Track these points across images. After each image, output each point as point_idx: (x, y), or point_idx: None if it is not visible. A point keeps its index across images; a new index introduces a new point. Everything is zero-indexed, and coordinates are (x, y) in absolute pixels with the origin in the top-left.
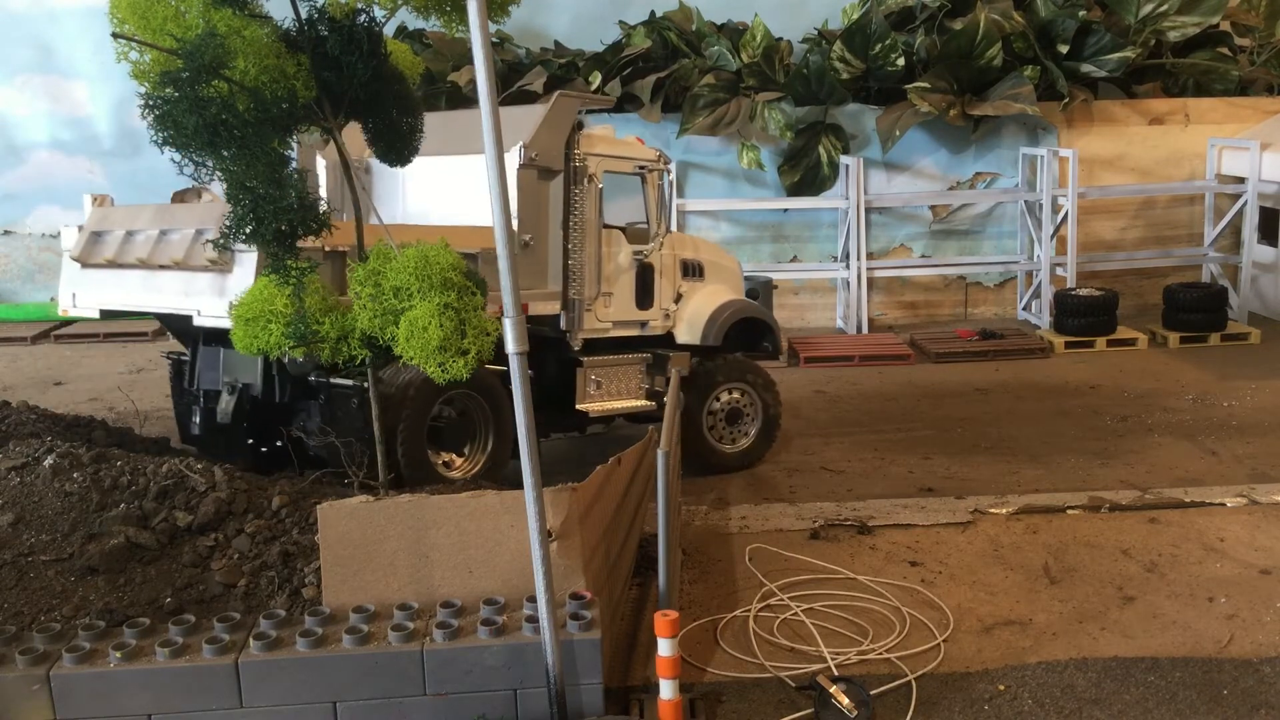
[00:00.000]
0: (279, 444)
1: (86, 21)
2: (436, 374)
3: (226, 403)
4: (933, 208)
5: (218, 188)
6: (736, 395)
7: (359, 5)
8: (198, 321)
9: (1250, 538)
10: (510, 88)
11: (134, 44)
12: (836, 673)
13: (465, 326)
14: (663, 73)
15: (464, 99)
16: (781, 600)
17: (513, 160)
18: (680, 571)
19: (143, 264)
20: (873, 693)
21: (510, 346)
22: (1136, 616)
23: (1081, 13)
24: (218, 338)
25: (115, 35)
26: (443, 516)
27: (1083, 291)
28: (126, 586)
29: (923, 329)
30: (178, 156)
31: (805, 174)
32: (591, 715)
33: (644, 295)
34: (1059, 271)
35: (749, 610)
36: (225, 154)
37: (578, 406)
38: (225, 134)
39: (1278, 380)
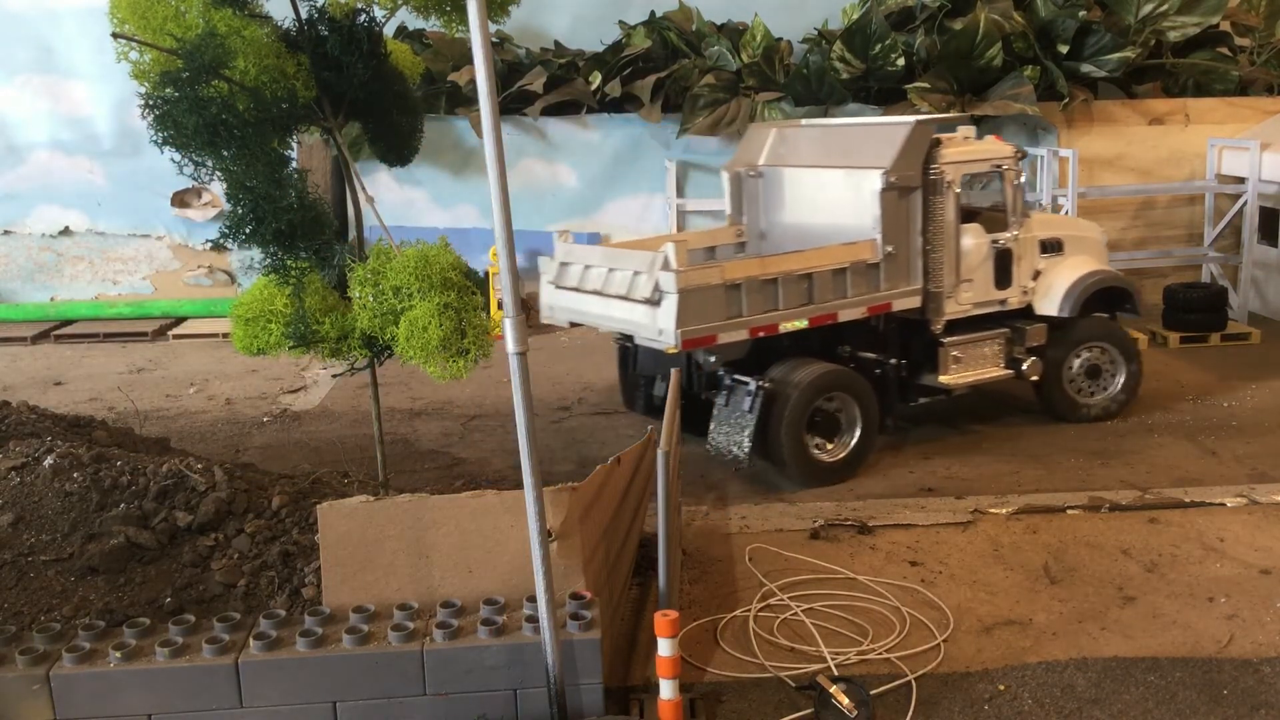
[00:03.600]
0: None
1: (86, 21)
2: (437, 374)
3: (661, 388)
4: None
5: (218, 187)
6: (1097, 353)
7: (359, 5)
8: (638, 341)
9: (1250, 538)
10: (510, 88)
11: (134, 44)
12: (836, 673)
13: (465, 326)
14: (663, 73)
15: (465, 99)
16: (781, 600)
17: (874, 184)
18: (680, 571)
19: (598, 293)
20: (873, 693)
21: (510, 347)
22: (1136, 616)
23: (1081, 13)
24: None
25: (115, 35)
26: (443, 516)
27: None
28: (126, 586)
29: None
30: (178, 156)
31: None
32: (591, 715)
33: (1002, 278)
34: None
35: (749, 610)
36: (225, 154)
37: (940, 379)
38: (225, 134)
39: (1278, 380)
